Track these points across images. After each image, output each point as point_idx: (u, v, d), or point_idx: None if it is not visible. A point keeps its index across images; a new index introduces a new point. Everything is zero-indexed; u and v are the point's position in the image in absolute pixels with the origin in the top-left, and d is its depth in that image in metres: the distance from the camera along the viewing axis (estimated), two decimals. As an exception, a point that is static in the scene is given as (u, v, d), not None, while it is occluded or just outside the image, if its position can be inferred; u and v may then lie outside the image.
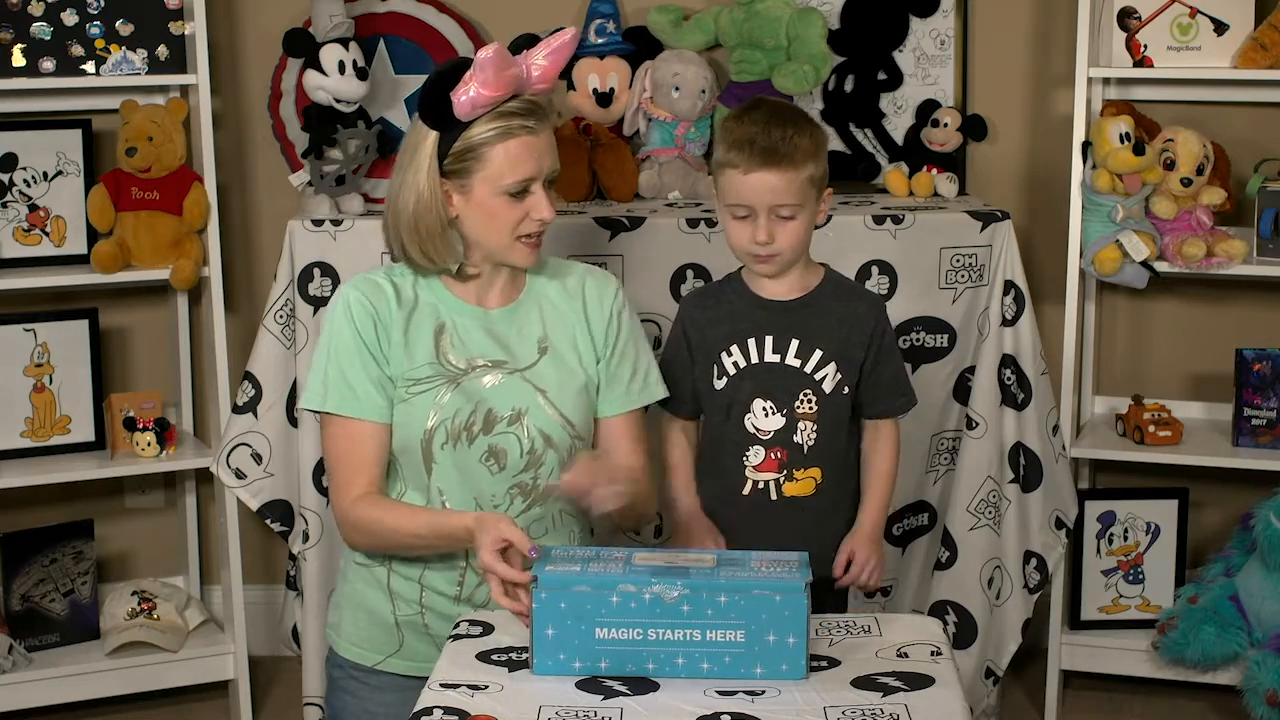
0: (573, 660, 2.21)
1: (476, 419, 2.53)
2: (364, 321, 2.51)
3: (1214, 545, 3.82)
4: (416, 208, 2.51)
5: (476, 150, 2.47)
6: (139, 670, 3.65)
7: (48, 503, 3.83)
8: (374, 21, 3.81)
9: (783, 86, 3.66)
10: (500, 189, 2.48)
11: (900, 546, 3.66)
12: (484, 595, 2.54)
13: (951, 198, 3.71)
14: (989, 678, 3.62)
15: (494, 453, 2.54)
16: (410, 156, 2.52)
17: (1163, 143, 3.57)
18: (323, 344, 2.55)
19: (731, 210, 2.59)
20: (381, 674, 2.62)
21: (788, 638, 2.20)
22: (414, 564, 2.57)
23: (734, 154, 2.56)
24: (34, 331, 3.66)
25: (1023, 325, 3.52)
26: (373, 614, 2.62)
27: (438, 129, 2.48)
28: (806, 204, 2.57)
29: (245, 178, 3.93)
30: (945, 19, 3.82)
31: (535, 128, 2.49)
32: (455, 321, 2.56)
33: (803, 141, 2.56)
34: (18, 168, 3.61)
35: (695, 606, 2.19)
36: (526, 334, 2.59)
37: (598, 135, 3.75)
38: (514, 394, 2.55)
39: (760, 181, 2.54)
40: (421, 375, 2.52)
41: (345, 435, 2.53)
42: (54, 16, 3.48)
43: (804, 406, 2.60)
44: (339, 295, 2.57)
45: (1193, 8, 3.61)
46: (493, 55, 2.41)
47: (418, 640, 2.60)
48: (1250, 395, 3.60)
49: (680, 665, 2.21)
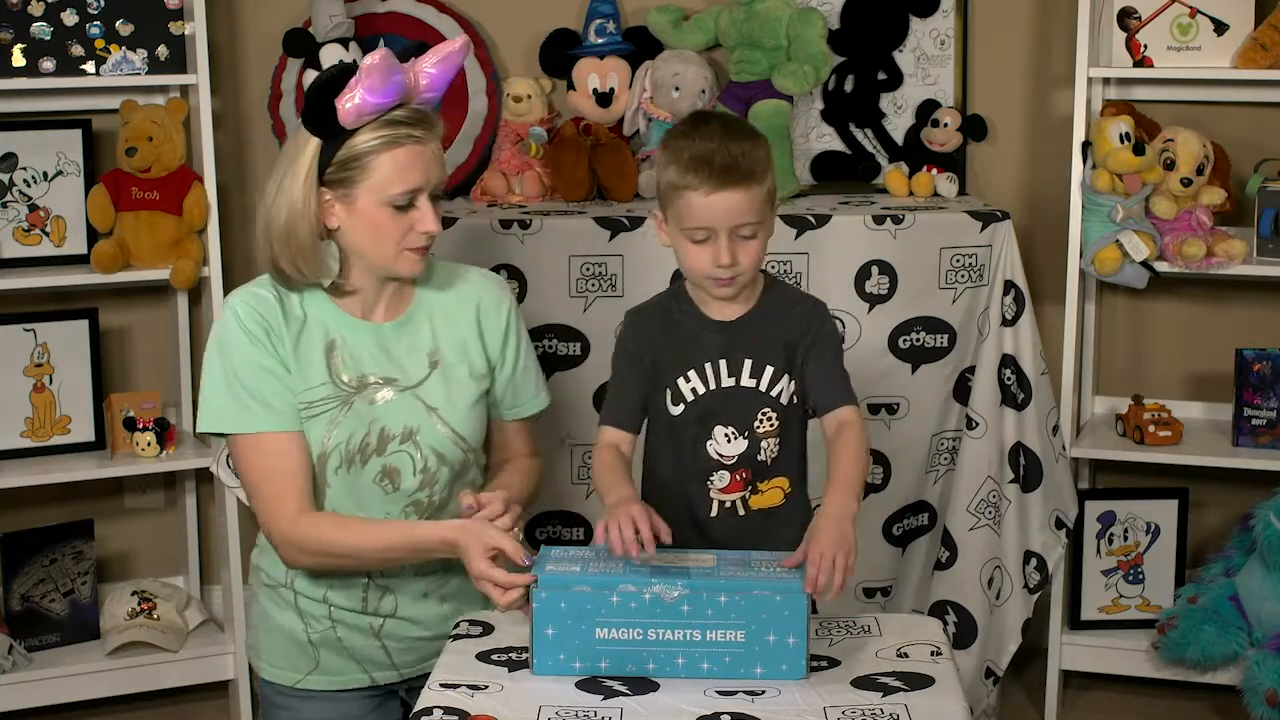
0: (573, 660, 2.21)
1: (370, 440, 2.47)
2: (258, 333, 2.43)
3: (1214, 545, 3.82)
4: (289, 217, 2.40)
5: (361, 159, 2.38)
6: (139, 670, 3.65)
7: (48, 503, 3.83)
8: (374, 21, 3.81)
9: (783, 86, 3.66)
10: (385, 199, 2.39)
11: (900, 546, 3.66)
12: (390, 606, 2.53)
13: (951, 198, 3.71)
14: (989, 678, 3.62)
15: (387, 473, 2.49)
16: (289, 164, 2.42)
17: (1163, 143, 3.57)
18: (217, 362, 2.44)
19: (689, 234, 2.40)
20: (302, 692, 2.58)
21: (788, 638, 2.19)
22: (317, 584, 2.52)
23: (690, 175, 2.37)
24: (34, 331, 3.66)
25: (1023, 325, 3.52)
26: (286, 634, 2.57)
27: (321, 136, 2.39)
28: (765, 220, 2.43)
29: (245, 178, 3.93)
30: (945, 19, 3.82)
31: (423, 137, 2.40)
32: (345, 337, 2.48)
33: (758, 154, 2.40)
34: (18, 168, 3.61)
35: (695, 607, 2.19)
36: (417, 348, 2.52)
37: (598, 135, 3.75)
38: (405, 412, 2.49)
39: (723, 202, 2.37)
40: (315, 397, 2.45)
41: (265, 452, 2.43)
42: (54, 16, 3.48)
43: (765, 425, 2.48)
44: (226, 311, 2.46)
45: (1193, 8, 3.61)
46: (379, 60, 2.33)
47: (333, 656, 2.56)
48: (1250, 395, 3.60)
49: (680, 665, 2.21)
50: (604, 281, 3.45)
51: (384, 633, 2.55)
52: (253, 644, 2.65)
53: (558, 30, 3.85)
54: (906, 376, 3.54)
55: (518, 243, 3.43)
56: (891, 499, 3.61)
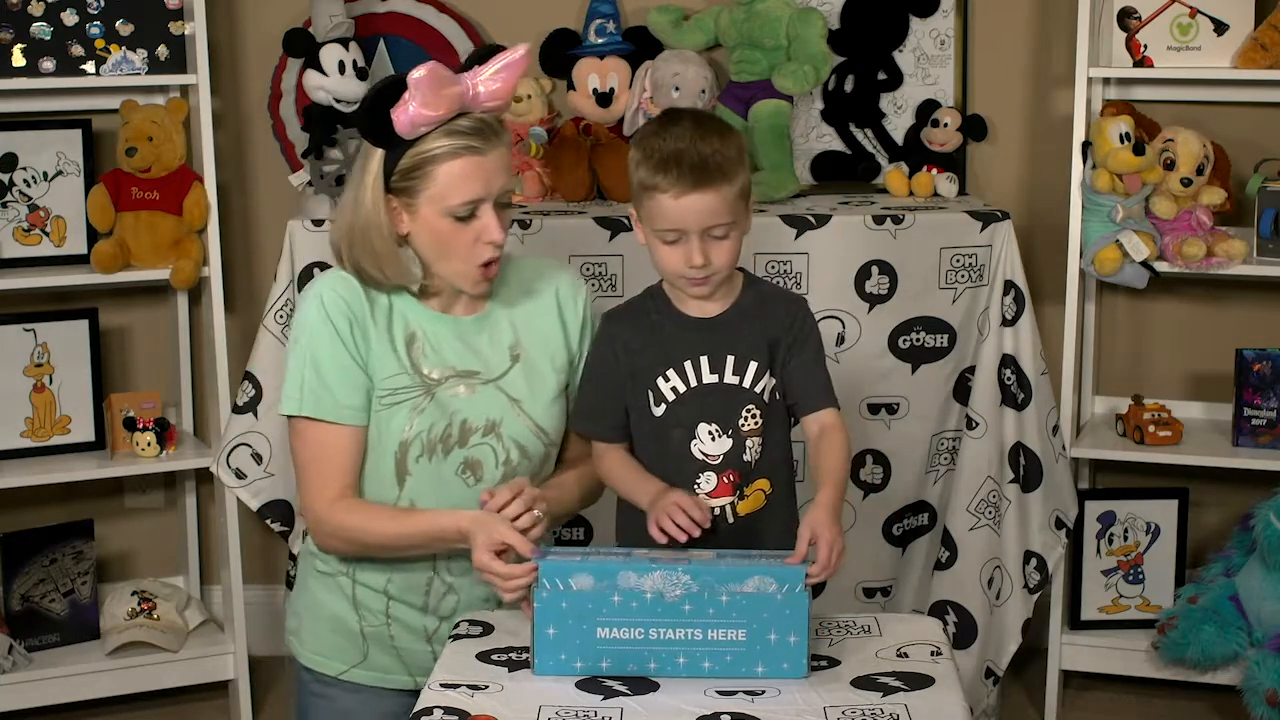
0: (574, 660, 2.21)
1: (452, 431, 2.47)
2: (340, 321, 2.43)
3: (1214, 545, 3.82)
4: (364, 226, 2.42)
5: (421, 169, 2.38)
6: (139, 670, 3.65)
7: (48, 503, 3.83)
8: (374, 21, 3.81)
9: (783, 86, 3.66)
10: (445, 210, 2.39)
11: (900, 546, 3.66)
12: (450, 606, 2.53)
13: (951, 198, 3.71)
14: (989, 678, 3.62)
15: (470, 465, 2.49)
16: (360, 172, 2.43)
17: (1163, 143, 3.57)
18: (298, 344, 2.45)
19: (661, 235, 2.39)
20: (345, 683, 2.57)
21: (789, 636, 2.20)
22: (379, 574, 2.52)
23: (660, 176, 2.35)
24: (34, 331, 3.66)
25: (1023, 325, 3.52)
26: (336, 623, 2.56)
27: (381, 146, 2.39)
28: (739, 219, 2.41)
29: (245, 178, 3.93)
30: (945, 19, 3.82)
31: (482, 148, 2.38)
32: (426, 330, 2.48)
33: (730, 152, 2.37)
34: (18, 168, 3.61)
35: (697, 606, 2.19)
36: (498, 341, 2.52)
37: (598, 135, 3.75)
38: (488, 405, 2.49)
39: (693, 204, 2.35)
40: (397, 385, 2.45)
41: (320, 440, 2.45)
42: (54, 16, 3.48)
43: (749, 423, 2.46)
44: (312, 293, 2.46)
45: (1193, 8, 3.61)
46: (425, 75, 2.32)
47: (382, 652, 2.55)
48: (1250, 395, 3.60)
49: (682, 664, 2.21)
50: (604, 281, 3.46)
51: (436, 638, 2.53)
52: (294, 629, 2.62)
53: (558, 30, 3.85)
54: (906, 376, 3.54)
55: (518, 243, 3.43)
56: (891, 499, 3.61)
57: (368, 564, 2.53)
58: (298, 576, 2.66)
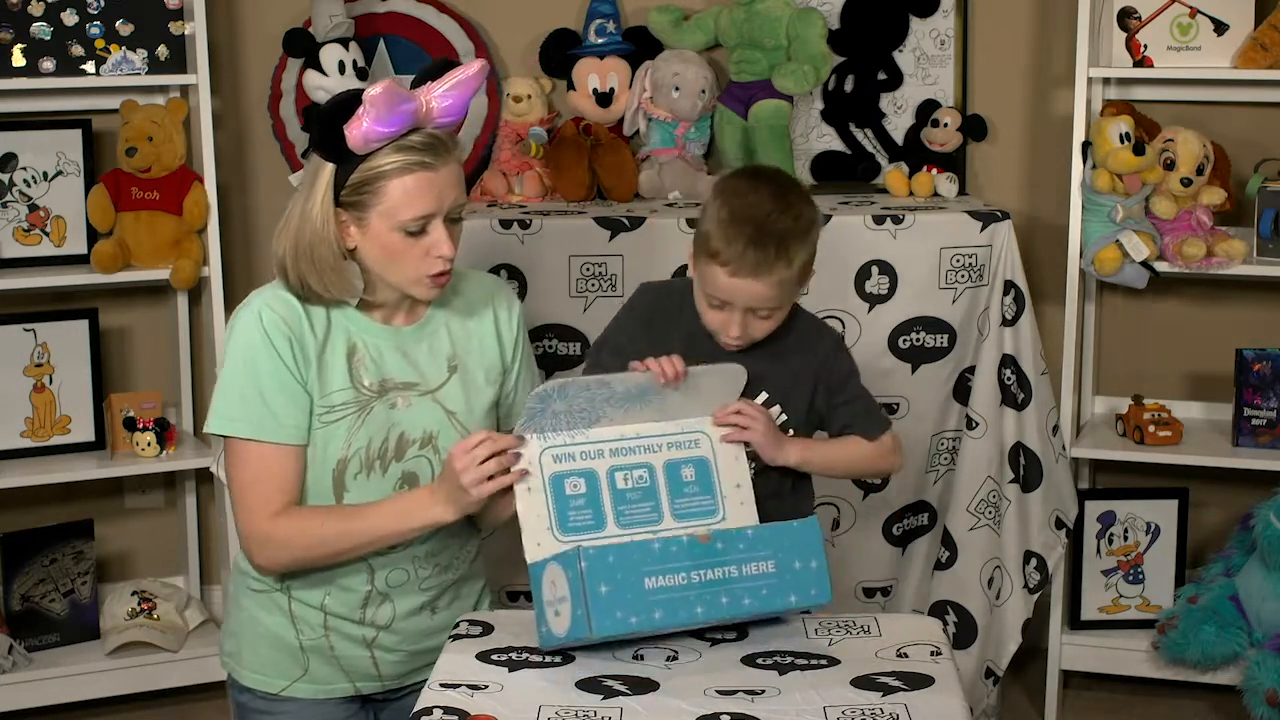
0: (629, 615, 2.20)
1: (389, 445, 2.46)
2: (280, 340, 2.40)
3: (1214, 545, 3.82)
4: (311, 238, 2.39)
5: (372, 184, 2.36)
6: (139, 670, 3.65)
7: (48, 503, 3.83)
8: (374, 21, 3.81)
9: (783, 86, 3.66)
10: (396, 224, 2.37)
11: (900, 546, 3.66)
12: (387, 616, 2.51)
13: (951, 198, 3.71)
14: (989, 678, 3.62)
15: (407, 479, 2.47)
16: (309, 185, 2.41)
17: (1163, 143, 3.57)
18: (234, 362, 2.42)
19: (707, 297, 2.43)
20: (288, 699, 2.54)
21: (810, 562, 2.27)
22: (315, 590, 2.49)
23: (723, 246, 2.37)
24: (34, 331, 3.66)
25: (1023, 325, 3.52)
26: (275, 640, 2.52)
27: (333, 161, 2.38)
28: (786, 301, 2.45)
29: (245, 178, 3.93)
30: (945, 19, 3.82)
31: (434, 163, 2.37)
32: (367, 342, 2.47)
33: (799, 233, 2.40)
34: (18, 168, 3.61)
35: (728, 543, 2.25)
36: (436, 351, 2.51)
37: (598, 135, 3.75)
38: (425, 416, 2.49)
39: (745, 288, 2.39)
40: (335, 402, 2.43)
41: (261, 459, 2.41)
42: (54, 16, 3.49)
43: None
44: (248, 312, 2.43)
45: (1193, 8, 3.61)
46: (381, 92, 2.31)
47: (323, 664, 2.53)
48: (1250, 395, 3.60)
49: (725, 604, 2.24)
50: (604, 281, 3.46)
51: (376, 644, 2.53)
52: (232, 651, 2.59)
53: (558, 30, 3.85)
54: (906, 376, 3.54)
55: (518, 243, 3.43)
56: (891, 499, 3.61)
57: (303, 580, 2.50)
58: (230, 598, 2.63)
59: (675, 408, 2.43)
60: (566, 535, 2.35)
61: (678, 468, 2.42)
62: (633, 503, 2.39)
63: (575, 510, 2.37)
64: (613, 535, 2.35)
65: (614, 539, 2.32)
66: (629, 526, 2.37)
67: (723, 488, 2.43)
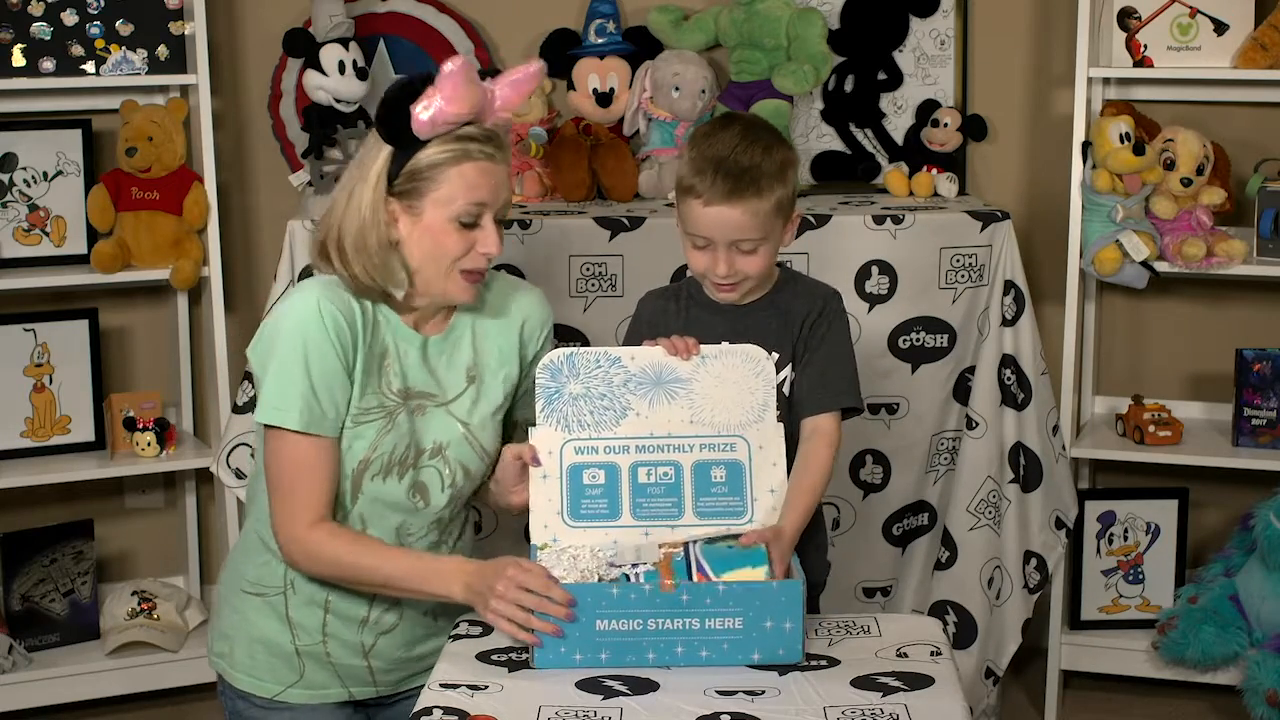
0: (573, 653, 2.22)
1: (410, 452, 2.44)
2: (340, 335, 2.36)
3: (1214, 545, 3.82)
4: (360, 226, 2.37)
5: (430, 171, 2.35)
6: (139, 670, 3.65)
7: (48, 503, 3.83)
8: (374, 21, 3.81)
9: (783, 86, 3.66)
10: (452, 213, 2.36)
11: (900, 546, 3.66)
12: (390, 621, 2.50)
13: (951, 198, 3.71)
14: (989, 678, 3.62)
15: (418, 487, 2.46)
16: (360, 172, 2.39)
17: (1163, 143, 3.57)
18: (289, 351, 2.36)
19: (690, 239, 2.43)
20: (281, 704, 2.52)
21: (784, 623, 2.22)
22: (318, 594, 2.47)
23: (695, 180, 2.38)
24: (34, 331, 3.66)
25: (1023, 325, 3.52)
26: (270, 645, 2.49)
27: (394, 145, 2.36)
28: (770, 235, 2.42)
29: (245, 178, 3.93)
30: (945, 19, 3.82)
31: (494, 155, 2.37)
32: (399, 347, 2.44)
33: (770, 167, 2.38)
34: (18, 168, 3.61)
35: (694, 595, 2.21)
36: (456, 362, 2.49)
37: (598, 135, 3.75)
38: (438, 427, 2.47)
39: (720, 215, 2.38)
40: (371, 404, 2.41)
41: (305, 455, 2.37)
42: (54, 16, 3.49)
43: None
44: (305, 301, 2.37)
45: (1193, 8, 3.61)
46: (459, 68, 2.30)
47: (318, 669, 2.51)
48: (1250, 395, 3.60)
49: (679, 654, 2.22)
50: (604, 281, 3.46)
51: (373, 652, 2.51)
52: (224, 652, 2.56)
53: (558, 30, 3.85)
54: (906, 376, 3.54)
55: (518, 243, 3.43)
56: (891, 499, 3.61)
57: (308, 586, 2.47)
58: (222, 598, 2.60)
59: (701, 395, 2.40)
60: (576, 521, 2.36)
61: (708, 468, 2.40)
62: (653, 496, 2.39)
63: (590, 499, 2.38)
64: (626, 525, 2.36)
65: (627, 528, 2.35)
66: (646, 519, 2.38)
67: (754, 491, 2.40)
